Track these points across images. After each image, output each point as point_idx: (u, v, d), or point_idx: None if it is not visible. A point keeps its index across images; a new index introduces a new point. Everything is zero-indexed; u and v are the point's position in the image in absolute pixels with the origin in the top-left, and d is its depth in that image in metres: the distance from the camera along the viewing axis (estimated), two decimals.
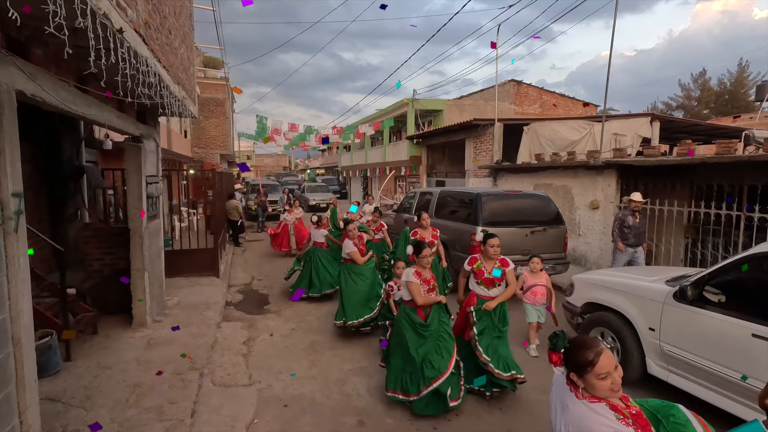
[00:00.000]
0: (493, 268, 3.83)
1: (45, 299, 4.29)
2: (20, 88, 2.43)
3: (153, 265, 5.37)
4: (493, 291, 3.82)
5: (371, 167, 23.85)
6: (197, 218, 12.80)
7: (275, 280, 8.04)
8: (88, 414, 3.26)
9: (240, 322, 5.70)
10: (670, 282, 3.73)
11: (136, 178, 5.03)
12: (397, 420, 3.45)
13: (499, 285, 3.82)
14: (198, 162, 15.90)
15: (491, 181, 12.15)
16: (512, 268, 3.91)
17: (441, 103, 19.08)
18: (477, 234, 3.91)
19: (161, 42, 4.03)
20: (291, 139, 17.90)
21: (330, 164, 41.22)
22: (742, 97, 28.11)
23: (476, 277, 3.86)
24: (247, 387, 3.94)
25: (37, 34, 2.55)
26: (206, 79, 20.83)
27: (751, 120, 15.17)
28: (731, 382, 3.06)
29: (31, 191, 4.60)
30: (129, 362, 4.17)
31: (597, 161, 8.31)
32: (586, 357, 1.53)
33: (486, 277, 3.82)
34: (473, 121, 12.84)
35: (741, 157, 6.13)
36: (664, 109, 31.38)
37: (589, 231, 8.73)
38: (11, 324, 2.40)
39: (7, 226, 2.35)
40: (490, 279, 3.81)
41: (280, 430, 3.30)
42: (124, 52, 2.72)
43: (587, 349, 1.55)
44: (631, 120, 10.46)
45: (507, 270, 3.85)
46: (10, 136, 2.38)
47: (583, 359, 1.54)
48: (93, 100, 3.50)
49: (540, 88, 20.32)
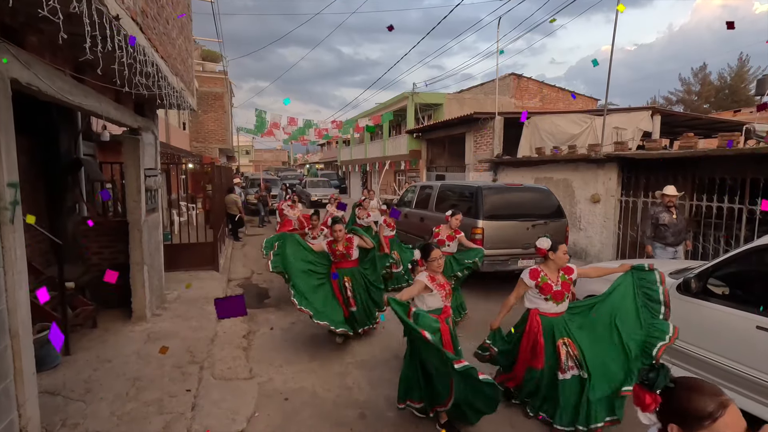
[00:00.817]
0: (558, 278, 3.26)
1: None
2: (15, 76, 2.38)
3: (152, 258, 5.34)
4: (562, 305, 3.24)
5: (371, 162, 23.78)
6: (196, 213, 12.74)
7: (275, 275, 7.98)
8: (88, 407, 3.24)
9: (240, 316, 5.67)
10: (673, 274, 3.71)
11: (135, 172, 4.99)
12: (398, 413, 3.43)
13: (568, 297, 3.28)
14: (197, 156, 15.82)
15: (491, 175, 12.11)
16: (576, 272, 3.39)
17: (441, 96, 19.00)
18: (541, 241, 3.28)
19: (159, 31, 3.97)
20: (290, 133, 17.84)
21: (329, 159, 41.11)
22: (743, 91, 28.03)
23: (543, 292, 3.23)
24: (247, 380, 3.92)
25: (32, 20, 2.50)
26: (204, 73, 20.66)
27: (752, 114, 15.13)
28: (735, 374, 3.04)
29: (29, 184, 4.55)
30: (129, 356, 4.14)
31: (598, 155, 8.27)
32: (703, 407, 1.12)
33: (556, 291, 3.22)
34: (473, 114, 12.78)
35: (744, 150, 6.10)
36: (664, 103, 31.29)
37: (589, 225, 8.72)
38: (8, 316, 2.37)
39: (2, 217, 2.31)
40: (559, 292, 3.22)
41: (281, 423, 3.28)
42: (120, 39, 2.67)
43: (706, 397, 1.13)
44: (632, 114, 10.42)
45: (574, 276, 3.33)
46: (5, 125, 2.34)
47: (699, 410, 1.12)
48: (90, 90, 3.44)
49: (540, 81, 20.24)
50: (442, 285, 3.19)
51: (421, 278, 3.16)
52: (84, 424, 3.03)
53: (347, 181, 31.42)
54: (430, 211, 7.63)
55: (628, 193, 8.00)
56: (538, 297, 3.26)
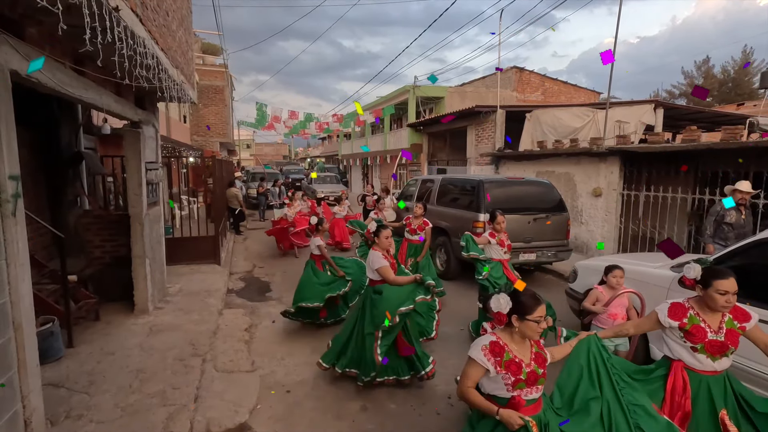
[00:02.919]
0: (722, 323, 2.24)
1: (46, 286, 4.28)
2: (15, 68, 2.37)
3: (154, 251, 5.35)
4: (721, 362, 2.23)
5: (372, 155, 23.73)
6: (197, 206, 12.75)
7: (276, 268, 8.03)
8: (92, 399, 3.26)
9: (242, 309, 5.69)
10: (675, 268, 3.70)
11: (136, 165, 4.98)
12: (400, 405, 3.45)
13: (734, 351, 2.24)
14: (198, 150, 15.78)
15: (493, 169, 12.08)
16: (755, 321, 2.28)
17: (442, 90, 18.89)
18: (690, 271, 2.32)
19: (159, 23, 3.95)
20: (291, 127, 17.79)
21: (330, 153, 41.00)
22: (746, 84, 27.83)
23: (692, 339, 2.24)
24: (249, 373, 3.94)
25: (31, 12, 2.48)
26: (205, 66, 20.59)
27: (755, 107, 15.03)
28: (738, 368, 3.04)
29: (30, 178, 4.55)
30: (131, 348, 4.16)
31: (600, 148, 8.24)
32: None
33: (712, 340, 2.21)
34: (475, 107, 12.71)
35: (747, 143, 6.06)
36: (667, 97, 31.09)
37: (591, 218, 8.70)
38: (11, 308, 2.38)
39: (4, 210, 2.31)
40: (722, 343, 2.20)
41: (283, 415, 3.30)
42: (120, 31, 2.65)
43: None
44: (634, 107, 10.34)
45: (749, 327, 2.26)
46: (6, 117, 2.33)
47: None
48: (90, 83, 3.43)
49: (542, 75, 20.10)
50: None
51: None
52: (88, 416, 3.05)
53: (348, 175, 31.37)
54: (431, 204, 7.62)
55: (630, 187, 7.98)
56: (681, 343, 2.30)
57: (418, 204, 6.04)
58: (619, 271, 3.35)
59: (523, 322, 1.98)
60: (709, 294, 2.21)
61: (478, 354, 1.99)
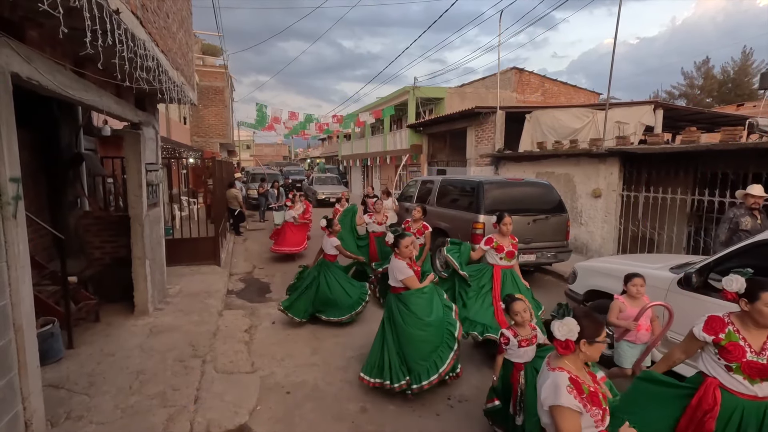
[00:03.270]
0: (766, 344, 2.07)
1: (46, 287, 4.28)
2: (15, 71, 2.38)
3: (154, 252, 5.36)
4: (762, 387, 2.06)
5: (372, 156, 23.74)
6: (197, 207, 12.76)
7: (276, 269, 8.03)
8: (92, 400, 3.27)
9: (242, 310, 5.70)
10: (674, 269, 3.71)
11: (136, 166, 4.99)
12: (399, 406, 3.46)
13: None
14: (198, 151, 15.79)
15: (493, 170, 12.09)
16: None
17: (442, 91, 18.91)
18: (732, 283, 2.16)
19: (159, 26, 3.96)
20: (291, 127, 17.80)
21: (330, 153, 41.01)
22: (746, 85, 27.84)
23: (727, 357, 2.10)
24: (249, 374, 3.95)
25: (32, 14, 2.49)
26: (205, 67, 20.61)
27: (755, 108, 15.05)
28: None
29: (30, 179, 4.56)
30: (132, 349, 4.17)
31: (600, 149, 8.24)
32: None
33: (752, 362, 2.04)
34: (475, 108, 12.72)
35: (746, 145, 6.07)
36: (666, 97, 31.09)
37: (591, 219, 8.71)
38: (12, 310, 2.39)
39: (5, 212, 2.32)
40: (763, 366, 2.04)
41: (282, 416, 3.31)
42: (121, 33, 2.66)
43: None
44: (634, 108, 10.36)
45: None
46: (7, 119, 2.34)
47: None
48: (90, 85, 3.44)
49: (542, 76, 20.12)
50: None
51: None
52: (88, 417, 3.05)
53: (348, 175, 31.38)
54: (430, 205, 7.62)
55: (630, 188, 7.99)
56: (716, 360, 2.15)
57: (417, 207, 6.03)
58: (640, 279, 3.19)
59: (593, 345, 1.75)
60: (758, 308, 2.00)
61: (569, 400, 1.64)
